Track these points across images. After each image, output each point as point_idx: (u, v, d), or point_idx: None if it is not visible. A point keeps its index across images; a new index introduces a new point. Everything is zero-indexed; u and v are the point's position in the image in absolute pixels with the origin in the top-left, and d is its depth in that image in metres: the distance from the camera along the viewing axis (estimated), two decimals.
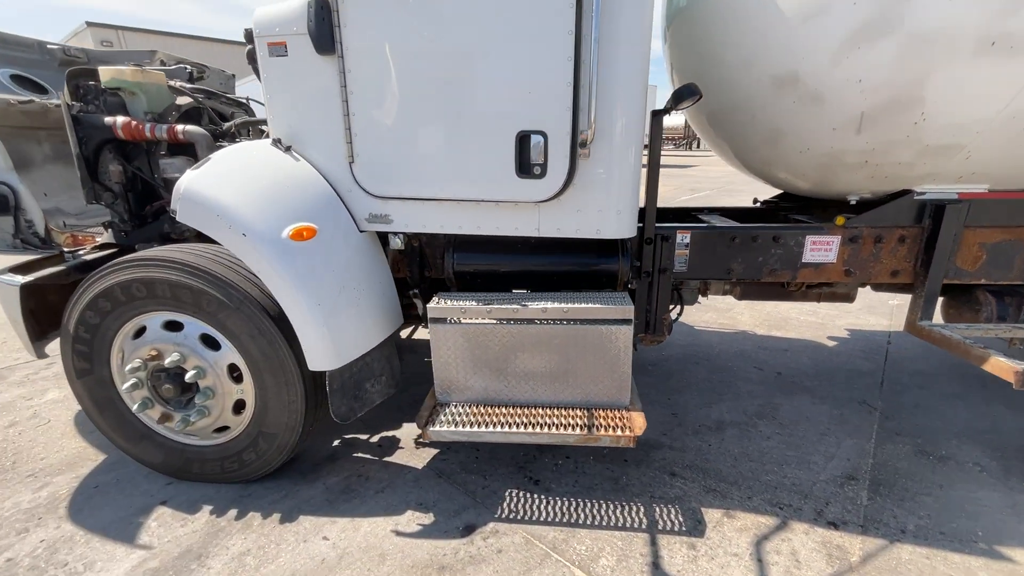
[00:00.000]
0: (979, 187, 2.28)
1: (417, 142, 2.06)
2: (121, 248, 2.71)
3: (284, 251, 1.90)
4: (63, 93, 2.46)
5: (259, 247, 1.88)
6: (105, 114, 2.53)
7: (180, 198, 1.92)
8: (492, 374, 2.15)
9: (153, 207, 2.71)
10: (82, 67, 2.56)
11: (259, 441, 2.18)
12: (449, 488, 2.26)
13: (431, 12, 1.87)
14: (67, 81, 2.47)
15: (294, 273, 1.90)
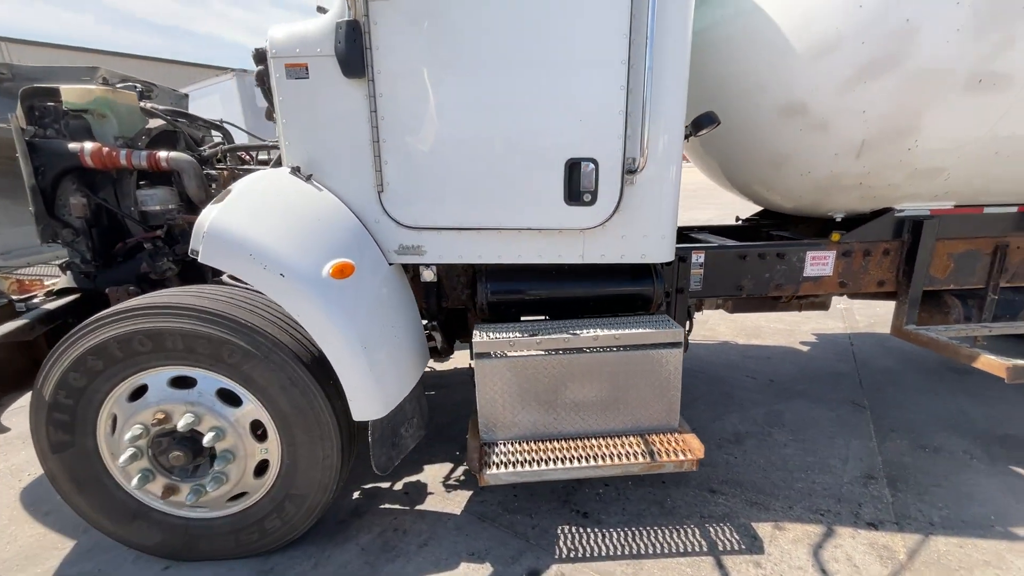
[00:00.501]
0: (947, 204, 2.57)
1: (457, 170, 1.97)
2: (85, 293, 2.34)
3: (326, 291, 1.72)
4: (14, 116, 2.10)
5: (300, 288, 1.68)
6: (68, 139, 2.20)
7: (205, 236, 1.68)
8: (541, 407, 2.07)
9: (127, 244, 2.36)
10: (37, 86, 2.19)
11: (285, 505, 1.93)
12: (497, 532, 2.13)
13: (477, 39, 1.82)
14: (20, 101, 2.12)
15: (340, 314, 1.73)
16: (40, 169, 2.15)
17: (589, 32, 1.77)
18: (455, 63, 1.86)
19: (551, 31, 1.78)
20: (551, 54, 1.81)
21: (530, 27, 1.79)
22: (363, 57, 1.85)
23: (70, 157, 2.16)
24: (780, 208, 3.10)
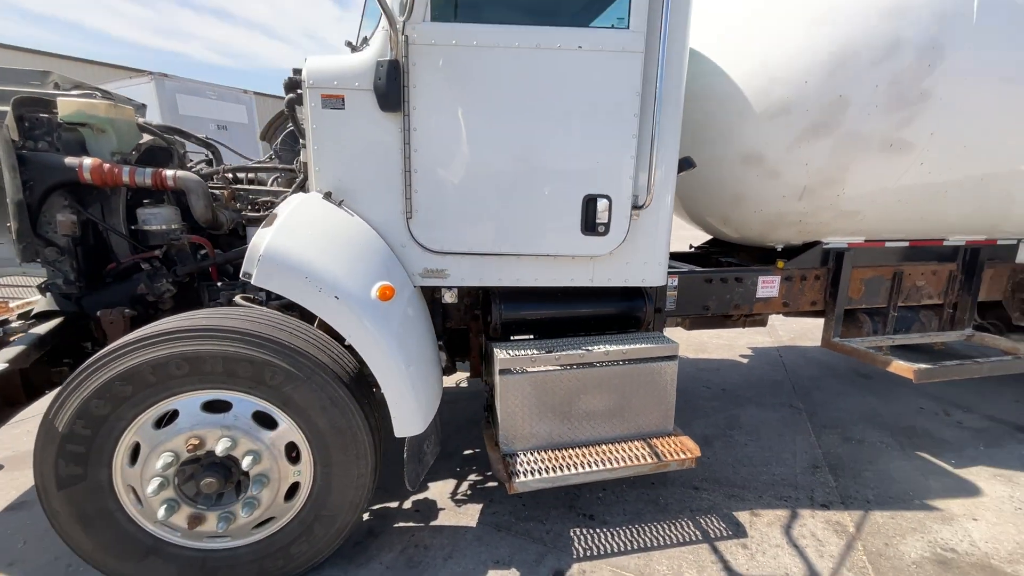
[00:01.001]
0: (860, 239, 3.17)
1: (483, 201, 2.14)
2: (68, 316, 2.18)
3: (375, 312, 1.80)
4: (5, 126, 1.96)
5: (353, 310, 1.75)
6: (62, 153, 2.08)
7: (261, 260, 1.69)
8: (556, 418, 2.26)
9: (121, 265, 2.24)
10: (30, 95, 2.06)
11: (314, 528, 1.92)
12: (515, 540, 2.25)
13: (509, 86, 2.03)
14: (12, 110, 1.98)
15: (388, 335, 1.81)
16: (28, 183, 2.01)
17: (609, 89, 2.05)
18: (487, 105, 2.06)
19: (577, 85, 2.05)
20: (576, 104, 2.06)
21: (558, 80, 2.04)
22: (400, 94, 1.99)
23: (66, 172, 2.04)
24: (729, 238, 3.59)
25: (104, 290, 2.22)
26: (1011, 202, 2.96)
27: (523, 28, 1.99)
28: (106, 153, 2.20)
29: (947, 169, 2.67)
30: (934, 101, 2.41)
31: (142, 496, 1.76)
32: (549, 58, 2.01)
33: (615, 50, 2.01)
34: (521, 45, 2.00)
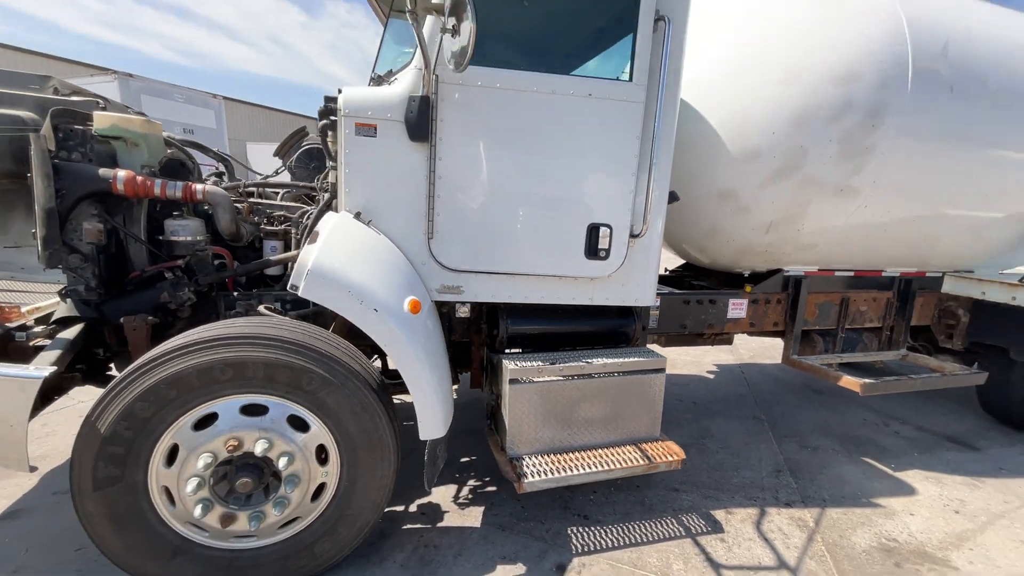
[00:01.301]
0: (814, 267, 3.60)
1: (499, 224, 2.36)
2: (88, 321, 2.23)
3: (407, 324, 1.98)
4: (42, 135, 2.03)
5: (390, 321, 1.92)
6: (94, 164, 2.16)
7: (309, 274, 1.83)
8: (558, 424, 2.47)
9: (144, 273, 2.31)
10: (67, 108, 2.13)
11: (338, 527, 2.04)
12: (518, 538, 2.43)
13: (527, 126, 2.28)
14: (49, 121, 2.05)
15: (418, 344, 1.99)
16: (60, 192, 2.07)
17: (614, 132, 2.34)
18: (505, 140, 2.29)
19: (586, 127, 2.32)
20: (584, 144, 2.34)
21: (570, 122, 2.30)
22: (429, 126, 2.20)
23: (99, 183, 2.12)
24: (702, 264, 3.95)
25: (126, 297, 2.28)
26: (937, 240, 3.47)
27: (541, 75, 2.25)
28: (137, 166, 2.28)
29: (886, 212, 3.11)
30: (877, 155, 2.84)
31: (177, 496, 1.83)
32: (563, 102, 2.28)
33: (620, 99, 2.30)
34: (539, 90, 2.26)
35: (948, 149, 3.02)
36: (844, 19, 2.76)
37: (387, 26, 2.98)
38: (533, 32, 2.54)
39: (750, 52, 2.86)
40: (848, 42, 2.73)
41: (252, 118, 26.02)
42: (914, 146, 2.92)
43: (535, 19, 2.46)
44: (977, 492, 3.09)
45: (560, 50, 2.57)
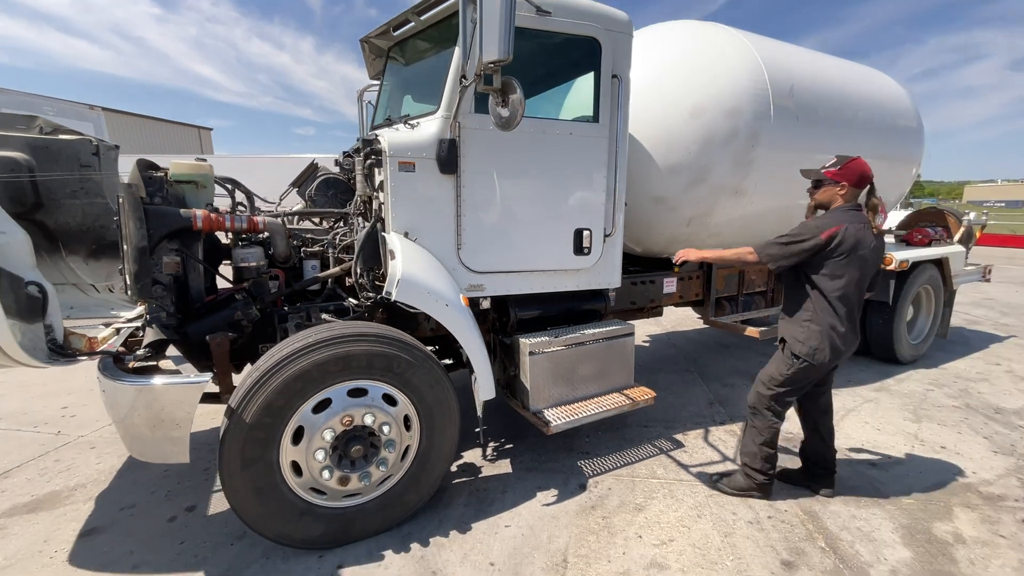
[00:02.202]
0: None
1: (509, 234, 3.05)
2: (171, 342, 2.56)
3: (466, 314, 2.61)
4: (133, 185, 2.35)
5: (457, 313, 2.54)
6: (172, 205, 2.50)
7: (400, 283, 2.38)
8: (563, 382, 3.23)
9: (219, 296, 2.67)
10: (147, 159, 2.43)
11: (420, 479, 2.62)
12: (544, 474, 3.16)
13: (527, 159, 2.99)
14: (139, 171, 2.36)
15: (474, 328, 2.63)
16: (149, 232, 2.39)
17: (590, 159, 3.13)
18: (512, 169, 2.99)
19: (570, 158, 3.09)
20: (570, 171, 3.11)
21: (559, 153, 3.06)
22: (455, 162, 2.83)
23: (182, 221, 2.47)
24: (635, 252, 4.94)
25: (204, 318, 2.61)
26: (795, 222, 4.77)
27: (537, 120, 2.98)
28: (202, 204, 2.63)
29: (764, 204, 4.30)
30: (756, 166, 3.97)
31: (304, 467, 2.29)
32: (553, 139, 3.03)
33: (591, 136, 3.11)
34: (535, 130, 2.98)
35: (798, 159, 4.25)
36: (729, 71, 3.84)
37: (384, 75, 3.51)
38: (531, 89, 3.25)
39: (670, 95, 3.82)
40: (732, 88, 3.81)
41: (143, 130, 23.49)
42: (778, 158, 4.11)
43: (534, 80, 3.17)
44: (837, 398, 4.40)
45: (549, 101, 3.31)
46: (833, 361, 2.66)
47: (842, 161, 2.68)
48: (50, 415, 4.07)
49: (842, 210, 2.65)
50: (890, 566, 2.34)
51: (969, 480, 3.10)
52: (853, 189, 2.66)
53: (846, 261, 2.54)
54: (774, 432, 2.84)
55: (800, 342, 2.68)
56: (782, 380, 2.77)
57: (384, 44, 3.59)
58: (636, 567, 2.34)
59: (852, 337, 2.66)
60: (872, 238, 2.60)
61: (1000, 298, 9.12)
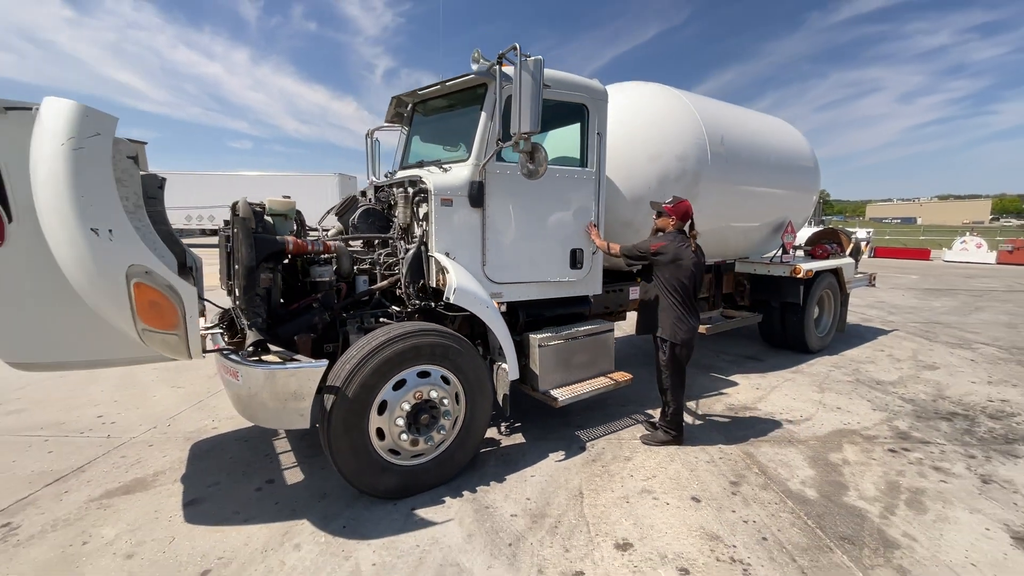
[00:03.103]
0: None
1: (523, 253, 3.92)
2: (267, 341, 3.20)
3: (498, 313, 3.43)
4: (246, 219, 3.00)
5: (494, 313, 3.36)
6: (271, 235, 3.18)
7: (456, 290, 3.17)
8: (563, 368, 4.10)
9: (301, 304, 3.33)
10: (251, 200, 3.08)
11: (466, 441, 3.38)
12: (553, 442, 4.00)
13: (534, 195, 3.89)
14: (251, 208, 3.03)
15: (505, 325, 3.45)
16: (256, 256, 3.04)
17: (583, 195, 4.08)
18: (525, 203, 3.87)
19: (569, 193, 4.02)
20: (568, 202, 4.03)
21: (561, 191, 3.98)
22: (482, 198, 3.67)
23: (278, 246, 3.14)
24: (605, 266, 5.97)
25: (290, 322, 3.26)
26: (728, 240, 5.99)
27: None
28: (287, 232, 3.30)
29: (705, 226, 5.38)
30: (700, 197, 5.09)
31: (387, 432, 3.00)
32: (557, 179, 3.95)
33: (584, 177, 4.07)
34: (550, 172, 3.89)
35: (729, 192, 5.47)
36: (676, 124, 4.97)
37: (411, 125, 4.32)
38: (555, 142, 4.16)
39: (634, 144, 4.88)
40: (680, 139, 4.93)
41: None
42: (715, 191, 5.27)
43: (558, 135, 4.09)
44: (765, 378, 5.59)
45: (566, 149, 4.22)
46: (685, 337, 3.78)
47: (676, 200, 3.95)
48: (88, 423, 4.41)
49: (671, 234, 3.83)
50: (800, 479, 3.39)
51: (855, 428, 4.28)
52: (679, 221, 3.86)
53: (673, 268, 3.76)
54: (681, 400, 3.90)
55: (663, 328, 3.77)
56: (668, 360, 3.81)
57: (410, 100, 4.40)
58: (632, 493, 3.23)
59: (692, 321, 3.85)
60: (692, 254, 3.81)
61: (889, 301, 11.06)
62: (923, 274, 16.47)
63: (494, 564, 2.56)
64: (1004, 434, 4.13)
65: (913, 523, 2.89)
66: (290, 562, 2.58)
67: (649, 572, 2.49)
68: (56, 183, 2.00)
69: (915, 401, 4.91)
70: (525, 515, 3.00)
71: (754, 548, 2.67)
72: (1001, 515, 2.97)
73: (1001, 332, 7.95)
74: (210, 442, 4.03)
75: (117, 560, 2.60)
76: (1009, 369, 5.96)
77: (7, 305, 2.38)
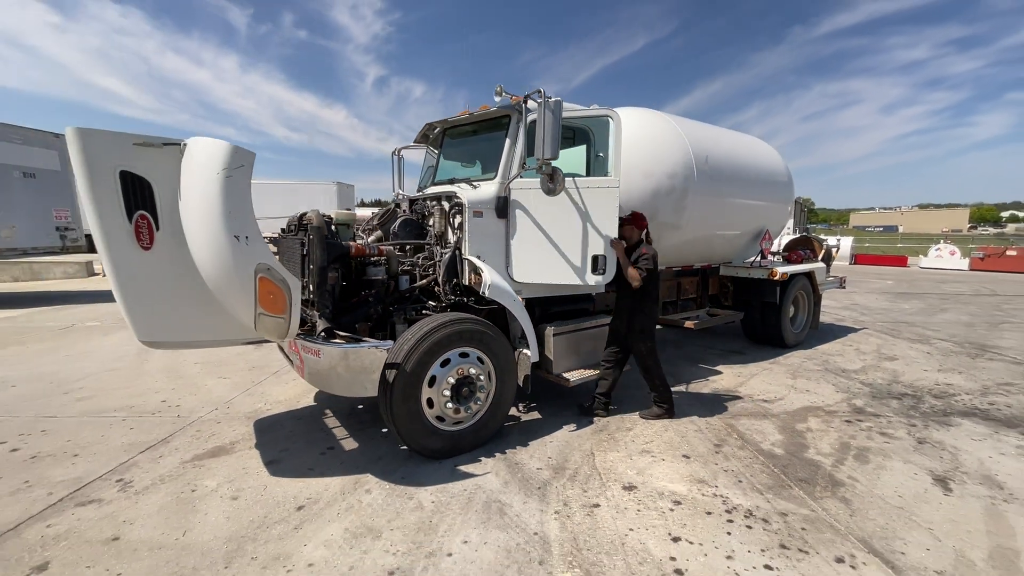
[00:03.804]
0: (664, 267, 6.61)
1: (544, 257, 4.62)
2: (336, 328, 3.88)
3: (523, 306, 4.14)
4: (320, 227, 3.68)
5: (519, 306, 4.06)
6: (340, 241, 3.87)
7: (490, 286, 3.87)
8: (574, 355, 4.81)
9: (360, 298, 4.01)
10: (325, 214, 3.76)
11: (496, 413, 4.07)
12: (564, 417, 4.69)
13: (557, 208, 4.61)
14: (321, 216, 3.71)
15: (528, 316, 4.16)
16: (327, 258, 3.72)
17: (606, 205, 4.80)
18: (545, 214, 4.58)
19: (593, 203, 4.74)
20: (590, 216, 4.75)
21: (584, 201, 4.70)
22: (507, 210, 4.39)
23: (343, 250, 3.82)
24: None
25: (350, 312, 3.94)
26: (714, 246, 6.77)
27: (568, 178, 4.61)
28: (348, 238, 3.98)
29: (693, 235, 6.22)
30: (687, 209, 5.86)
31: (435, 402, 3.68)
32: (581, 192, 4.67)
33: (609, 187, 4.79)
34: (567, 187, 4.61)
35: (714, 204, 6.25)
36: (667, 146, 5.74)
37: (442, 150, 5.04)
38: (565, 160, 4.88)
39: (631, 163, 5.64)
40: (670, 159, 5.70)
41: None
42: (701, 202, 6.04)
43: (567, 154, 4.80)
44: (746, 368, 6.35)
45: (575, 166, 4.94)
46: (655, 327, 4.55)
47: (636, 212, 4.73)
48: (155, 407, 5.02)
49: (644, 243, 4.57)
50: (771, 442, 4.12)
51: (819, 405, 5.03)
52: (639, 231, 4.64)
53: (653, 267, 4.50)
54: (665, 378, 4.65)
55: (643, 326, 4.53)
56: (649, 350, 4.53)
57: (441, 126, 5.12)
58: (634, 452, 3.94)
59: (657, 313, 4.62)
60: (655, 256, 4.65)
61: (863, 303, 11.94)
62: (898, 280, 17.47)
63: (528, 500, 3.24)
64: (943, 409, 4.91)
65: (857, 470, 3.63)
66: (365, 501, 3.23)
67: (650, 503, 3.19)
68: (210, 202, 2.67)
69: (873, 385, 5.69)
70: (548, 468, 3.69)
71: (731, 487, 3.38)
72: (928, 464, 3.72)
73: (959, 330, 8.81)
74: (268, 420, 4.66)
75: (225, 501, 3.24)
76: (958, 360, 6.78)
77: (149, 296, 3.02)
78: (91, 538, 2.84)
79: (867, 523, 2.96)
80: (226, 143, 2.69)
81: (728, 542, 2.78)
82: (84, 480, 3.51)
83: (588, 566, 2.59)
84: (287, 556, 2.67)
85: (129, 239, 2.83)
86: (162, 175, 2.87)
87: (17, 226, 12.25)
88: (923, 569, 2.56)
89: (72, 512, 3.11)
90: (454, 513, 3.09)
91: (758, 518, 3.01)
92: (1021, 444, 4.09)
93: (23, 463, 3.79)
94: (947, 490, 3.35)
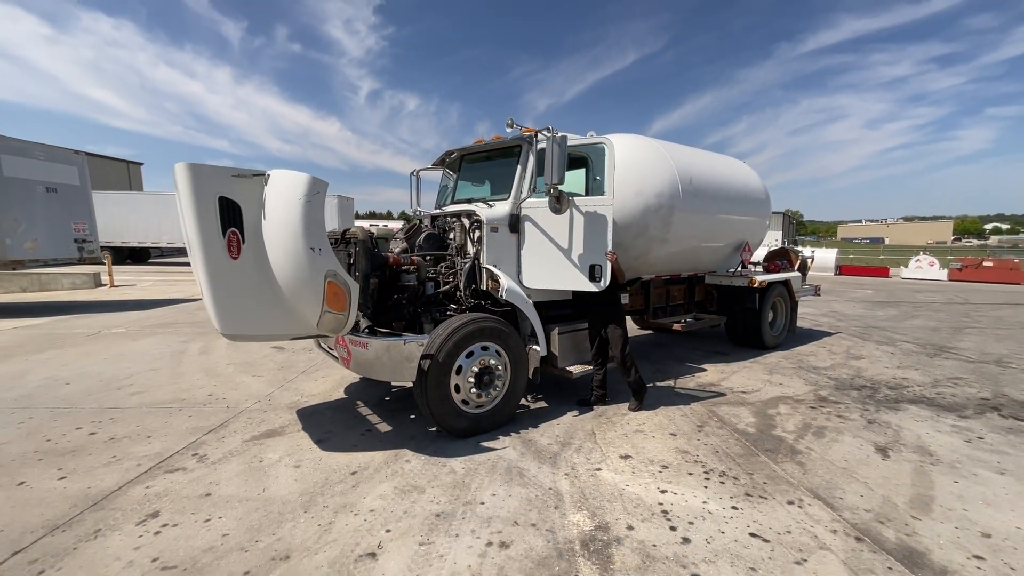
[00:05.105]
0: (653, 275, 7.37)
1: (550, 266, 5.34)
2: (376, 325, 4.57)
3: (534, 307, 4.85)
4: (365, 240, 4.39)
5: (531, 307, 4.77)
6: (380, 252, 4.58)
7: (507, 290, 4.58)
8: (575, 351, 5.51)
9: (395, 300, 4.71)
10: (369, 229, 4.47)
11: (511, 399, 4.75)
12: (568, 406, 5.38)
13: (560, 224, 5.35)
14: (366, 230, 4.42)
15: (538, 316, 4.87)
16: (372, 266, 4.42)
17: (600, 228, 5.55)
18: (551, 229, 5.32)
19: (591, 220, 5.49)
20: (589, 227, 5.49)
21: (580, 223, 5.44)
22: (519, 226, 5.12)
23: (383, 259, 4.53)
24: None
25: (387, 313, 4.63)
26: (700, 257, 7.55)
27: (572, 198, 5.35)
28: (384, 251, 4.69)
29: (679, 247, 6.98)
30: (674, 224, 6.62)
31: (461, 387, 4.36)
32: (584, 209, 5.41)
33: (604, 205, 5.53)
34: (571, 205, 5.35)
35: (698, 220, 7.03)
36: (655, 168, 6.52)
37: (459, 173, 5.78)
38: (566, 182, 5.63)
39: (623, 183, 6.41)
40: (658, 180, 6.47)
41: None
42: (686, 218, 6.81)
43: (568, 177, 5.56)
44: (728, 366, 7.07)
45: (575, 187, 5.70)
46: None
47: None
48: (203, 399, 5.64)
49: None
50: (745, 423, 4.83)
51: (790, 395, 5.76)
52: None
53: None
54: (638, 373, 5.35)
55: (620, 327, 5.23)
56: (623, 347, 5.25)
57: (459, 153, 5.87)
58: (629, 432, 4.63)
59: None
60: None
61: (840, 311, 12.77)
62: (878, 289, 18.39)
63: (542, 466, 3.92)
64: (895, 398, 5.66)
65: (814, 443, 4.35)
66: (407, 468, 3.90)
67: (643, 468, 3.88)
68: (292, 221, 3.37)
69: (838, 379, 6.44)
70: (557, 443, 4.37)
71: (709, 456, 4.08)
72: (873, 439, 4.45)
73: (923, 334, 9.63)
74: (309, 410, 5.31)
75: (289, 468, 3.89)
76: (917, 359, 7.56)
77: (236, 297, 3.68)
78: (188, 494, 3.48)
79: (816, 479, 3.67)
80: (306, 175, 3.40)
81: (704, 492, 3.47)
82: (164, 455, 4.14)
83: (593, 509, 3.27)
84: (352, 504, 3.33)
85: (222, 251, 3.51)
86: (249, 199, 3.56)
87: (39, 238, 12.82)
88: (856, 508, 3.27)
89: (164, 477, 3.74)
90: (482, 475, 3.76)
91: (729, 476, 3.71)
92: (956, 424, 4.84)
93: (104, 443, 4.40)
94: (886, 456, 4.08)
